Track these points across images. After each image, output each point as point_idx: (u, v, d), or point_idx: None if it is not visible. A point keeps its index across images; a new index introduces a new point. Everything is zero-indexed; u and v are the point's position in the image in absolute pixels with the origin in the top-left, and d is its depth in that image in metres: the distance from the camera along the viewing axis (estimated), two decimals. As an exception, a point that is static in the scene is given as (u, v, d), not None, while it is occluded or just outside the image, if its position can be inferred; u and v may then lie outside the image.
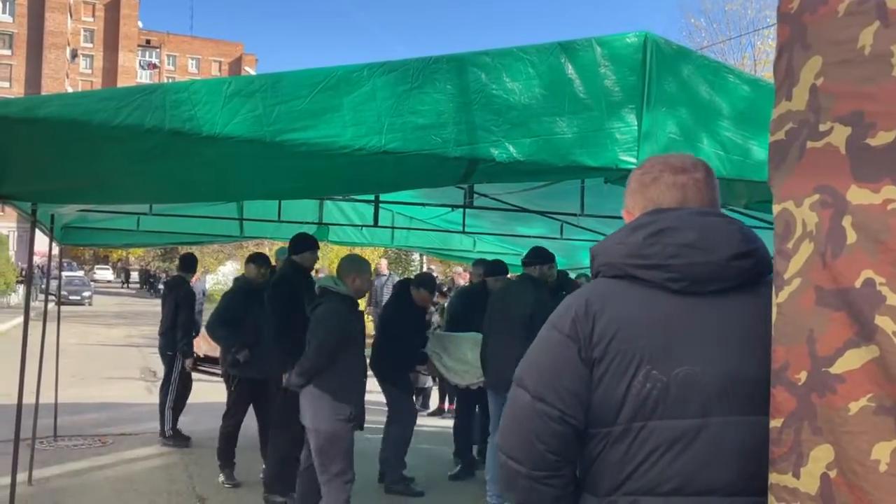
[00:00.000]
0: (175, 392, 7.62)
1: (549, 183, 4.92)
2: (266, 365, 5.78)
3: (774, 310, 1.38)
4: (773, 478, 1.38)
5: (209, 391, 8.97)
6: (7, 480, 4.93)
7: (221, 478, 6.34)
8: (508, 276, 6.13)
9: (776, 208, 1.40)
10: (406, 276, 14.87)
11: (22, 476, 5.94)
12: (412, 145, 2.88)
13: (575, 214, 5.53)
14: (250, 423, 6.56)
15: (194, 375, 8.04)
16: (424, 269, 18.65)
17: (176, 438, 7.61)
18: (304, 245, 5.57)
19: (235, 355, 6.11)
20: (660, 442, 1.52)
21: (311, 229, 7.92)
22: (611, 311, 1.57)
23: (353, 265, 4.79)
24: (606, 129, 3.16)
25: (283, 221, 6.89)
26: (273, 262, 7.28)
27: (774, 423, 1.38)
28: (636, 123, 3.16)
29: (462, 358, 6.26)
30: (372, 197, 6.20)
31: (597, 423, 1.56)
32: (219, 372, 7.78)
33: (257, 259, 6.45)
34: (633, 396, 1.52)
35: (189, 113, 2.61)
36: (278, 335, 5.35)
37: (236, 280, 6.93)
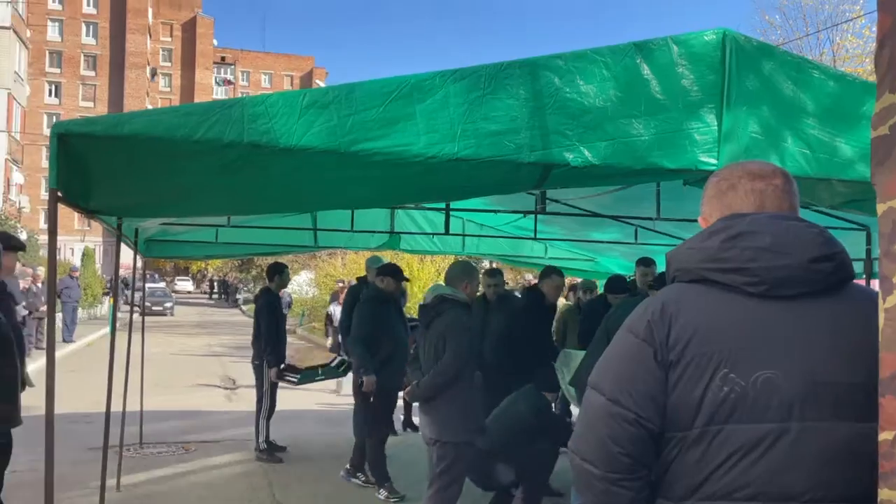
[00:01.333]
0: (269, 402, 7.54)
1: (624, 186, 4.83)
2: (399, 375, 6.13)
3: (881, 315, 1.31)
4: (884, 494, 1.30)
5: (291, 397, 9.04)
6: (98, 485, 5.12)
7: (383, 493, 6.22)
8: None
9: (881, 207, 1.32)
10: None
11: (111, 482, 6.15)
12: (485, 152, 2.86)
13: (650, 218, 5.41)
14: (301, 431, 6.64)
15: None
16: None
17: (269, 451, 7.49)
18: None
19: (364, 376, 6.14)
20: (737, 446, 1.50)
21: (383, 238, 8.01)
22: (687, 315, 1.56)
23: (464, 271, 4.80)
24: (685, 130, 3.07)
25: (355, 231, 6.94)
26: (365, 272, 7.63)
27: (885, 436, 1.30)
28: (716, 123, 3.07)
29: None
30: (442, 205, 6.20)
31: (672, 426, 1.55)
32: (294, 379, 7.88)
33: (395, 272, 6.49)
34: (709, 400, 1.51)
35: (266, 126, 2.65)
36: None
37: (356, 291, 7.17)
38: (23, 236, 28.99)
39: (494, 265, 20.77)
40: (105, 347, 6.90)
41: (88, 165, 2.75)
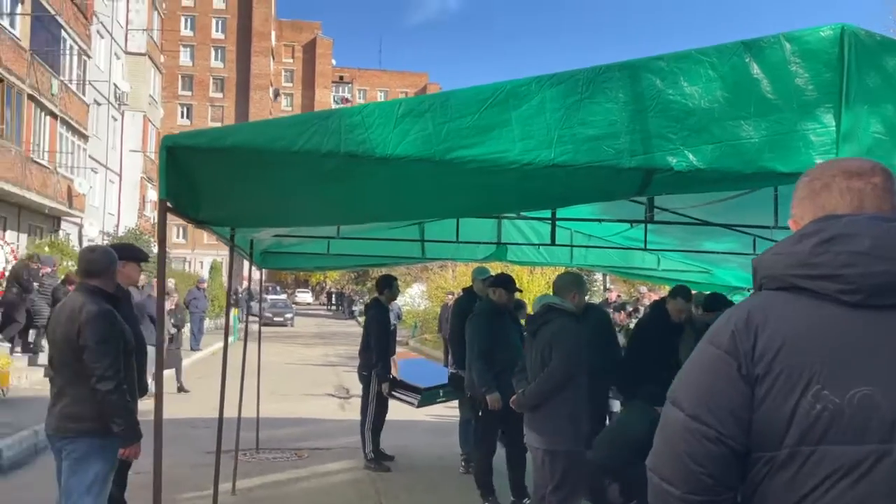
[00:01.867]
0: (373, 413, 7.60)
1: (740, 193, 4.61)
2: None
3: None
4: None
5: (401, 407, 9.10)
6: (218, 488, 5.32)
7: None
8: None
9: None
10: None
11: (226, 486, 6.39)
12: (583, 157, 2.79)
13: (768, 227, 5.14)
14: (410, 441, 6.64)
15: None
16: (608, 289, 18.20)
17: (377, 461, 7.54)
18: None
19: (487, 395, 6.01)
20: (832, 470, 1.36)
21: (489, 249, 7.97)
22: (775, 325, 1.43)
23: (572, 282, 4.77)
24: (799, 131, 2.89)
25: (461, 242, 6.95)
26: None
27: None
28: (834, 124, 2.88)
29: None
30: (549, 214, 6.12)
31: (759, 446, 1.42)
32: (414, 401, 7.76)
33: (508, 283, 6.39)
34: (800, 418, 1.37)
35: (363, 135, 2.69)
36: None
37: (463, 302, 7.18)
38: (156, 250, 30.78)
39: (608, 278, 20.39)
40: (229, 356, 7.24)
41: (195, 177, 2.87)
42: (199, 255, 62.29)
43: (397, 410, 8.47)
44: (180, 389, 12.77)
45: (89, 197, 29.49)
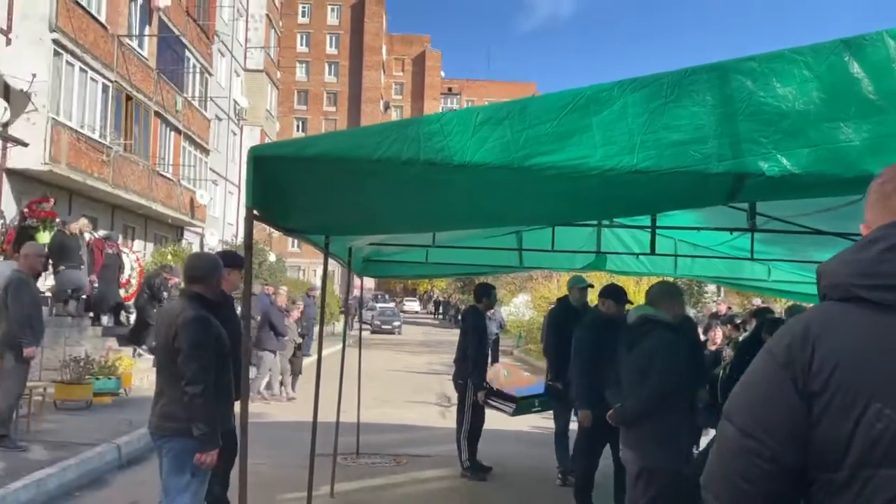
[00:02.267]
0: (468, 422, 7.57)
1: (852, 201, 4.36)
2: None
3: None
4: None
5: (498, 417, 9.06)
6: (317, 491, 5.46)
7: None
8: None
9: None
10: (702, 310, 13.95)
11: (325, 488, 6.55)
12: (667, 163, 2.70)
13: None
14: (507, 451, 6.58)
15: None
16: (720, 301, 17.54)
17: (474, 470, 7.51)
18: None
19: (580, 409, 5.92)
20: (894, 495, 1.25)
21: (588, 258, 7.85)
22: (834, 338, 1.33)
23: (667, 291, 4.65)
24: (905, 133, 2.71)
25: (557, 251, 6.87)
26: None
27: None
28: (946, 125, 2.67)
29: None
30: (649, 222, 5.97)
31: (817, 466, 1.33)
32: (508, 410, 7.77)
33: (618, 294, 6.21)
34: (860, 439, 1.27)
35: (441, 143, 2.70)
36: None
37: (558, 312, 7.12)
38: (271, 258, 32.01)
39: (723, 289, 19.63)
40: (337, 362, 7.48)
41: (282, 186, 2.97)
42: (313, 263, 64.27)
43: (493, 420, 8.44)
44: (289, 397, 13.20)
45: (210, 207, 30.97)
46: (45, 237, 13.36)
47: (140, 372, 12.42)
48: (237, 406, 3.67)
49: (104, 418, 9.17)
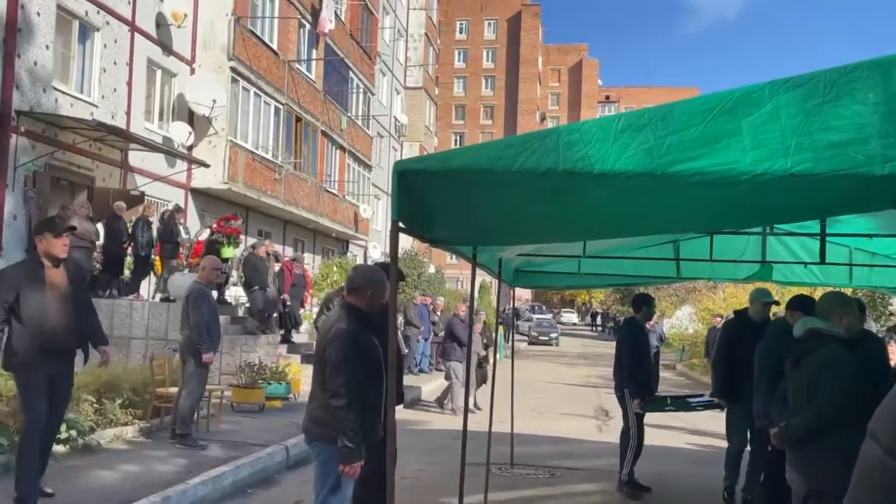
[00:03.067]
0: (636, 437, 7.27)
1: None
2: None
3: None
4: None
5: (661, 434, 8.75)
6: (468, 500, 5.54)
7: None
8: None
9: None
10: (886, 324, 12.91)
11: (478, 497, 6.62)
12: (825, 166, 2.54)
13: None
14: (669, 469, 6.32)
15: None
16: (892, 315, 16.08)
17: (632, 486, 7.23)
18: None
19: (770, 428, 5.55)
20: None
21: (752, 268, 7.46)
22: None
23: (838, 303, 4.34)
24: None
25: (716, 261, 6.58)
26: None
27: None
28: None
29: None
30: (818, 230, 5.60)
31: None
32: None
33: (809, 306, 5.91)
34: None
35: (581, 152, 2.68)
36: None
37: (733, 326, 6.94)
38: (430, 269, 32.79)
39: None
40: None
41: (426, 198, 3.06)
42: (469, 275, 65.20)
43: (657, 436, 8.15)
44: (444, 405, 13.26)
45: (372, 221, 32.21)
46: (228, 252, 14.54)
47: (308, 378, 13.07)
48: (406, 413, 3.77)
49: (275, 421, 9.74)
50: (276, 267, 16.10)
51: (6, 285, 5.44)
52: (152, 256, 13.82)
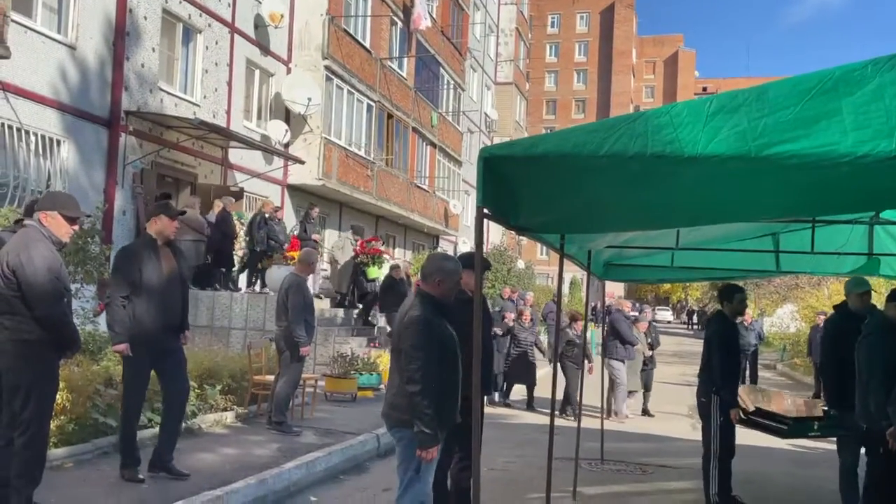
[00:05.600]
0: (718, 447, 6.49)
1: None
2: None
3: None
4: None
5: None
6: (557, 494, 5.51)
7: None
8: None
9: None
10: None
11: (568, 490, 6.58)
12: (934, 146, 2.40)
13: None
14: (765, 469, 6.07)
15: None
16: None
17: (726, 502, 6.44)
18: None
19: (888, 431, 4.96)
20: None
21: (859, 261, 7.10)
22: None
23: None
24: None
25: (818, 253, 6.28)
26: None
27: None
28: None
29: None
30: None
31: None
32: (783, 427, 6.54)
33: None
34: None
35: (671, 136, 2.63)
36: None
37: (835, 322, 6.31)
38: (520, 265, 32.67)
39: None
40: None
41: (512, 185, 3.05)
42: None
43: (755, 436, 7.66)
44: (644, 412, 12.50)
45: (462, 217, 32.33)
46: (374, 272, 15.08)
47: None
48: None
49: (366, 410, 9.92)
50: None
51: (131, 263, 5.82)
52: (269, 252, 14.18)
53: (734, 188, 2.88)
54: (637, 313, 15.32)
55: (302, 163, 18.25)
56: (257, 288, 14.41)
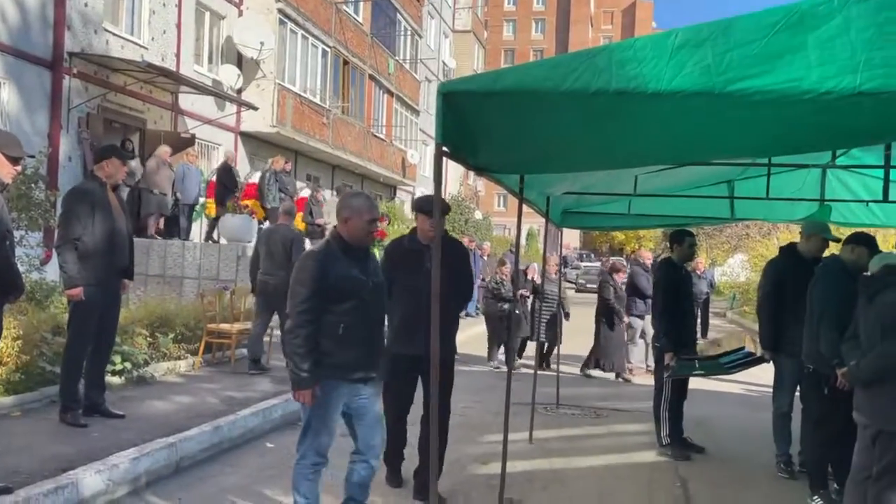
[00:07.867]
0: (669, 390, 6.58)
1: None
2: None
3: None
4: None
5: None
6: (514, 436, 5.58)
7: (819, 501, 5.26)
8: None
9: None
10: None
11: (524, 434, 6.66)
12: (898, 82, 2.37)
13: None
14: (716, 413, 6.17)
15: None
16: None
17: (675, 448, 6.53)
18: None
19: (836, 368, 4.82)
20: None
21: (810, 207, 7.21)
22: None
23: None
24: None
25: (773, 199, 6.34)
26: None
27: None
28: None
29: None
30: (882, 163, 5.34)
31: None
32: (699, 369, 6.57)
33: (872, 243, 5.31)
34: None
35: (634, 71, 2.55)
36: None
37: (778, 265, 6.17)
38: (477, 215, 32.69)
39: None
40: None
41: (470, 122, 2.96)
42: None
43: (709, 381, 7.78)
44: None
45: (419, 167, 32.09)
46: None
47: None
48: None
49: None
50: None
51: (83, 203, 5.65)
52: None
53: (698, 125, 2.83)
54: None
55: (255, 109, 17.80)
56: (215, 236, 14.17)
